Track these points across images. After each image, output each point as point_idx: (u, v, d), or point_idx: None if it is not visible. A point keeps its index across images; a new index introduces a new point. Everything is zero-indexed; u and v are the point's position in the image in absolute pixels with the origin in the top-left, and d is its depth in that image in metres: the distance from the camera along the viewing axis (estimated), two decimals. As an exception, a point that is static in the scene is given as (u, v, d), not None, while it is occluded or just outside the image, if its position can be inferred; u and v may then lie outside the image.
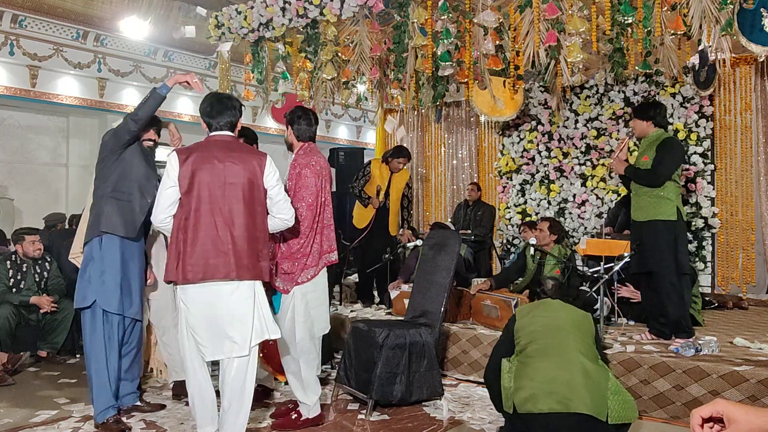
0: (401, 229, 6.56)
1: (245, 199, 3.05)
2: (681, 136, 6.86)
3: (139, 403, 3.85)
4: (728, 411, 1.07)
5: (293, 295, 3.51)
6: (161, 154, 4.37)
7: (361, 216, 6.22)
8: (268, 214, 3.19)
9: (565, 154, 7.84)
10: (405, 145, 9.40)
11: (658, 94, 7.12)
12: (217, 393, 3.12)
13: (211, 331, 3.02)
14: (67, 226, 7.21)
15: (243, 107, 3.31)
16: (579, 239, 7.08)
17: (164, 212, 3.05)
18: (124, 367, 3.72)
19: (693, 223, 6.82)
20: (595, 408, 2.89)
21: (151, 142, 3.99)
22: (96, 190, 3.71)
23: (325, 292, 3.69)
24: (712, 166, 6.89)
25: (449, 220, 8.10)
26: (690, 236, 6.75)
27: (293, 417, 3.59)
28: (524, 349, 3.16)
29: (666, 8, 4.21)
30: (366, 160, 6.30)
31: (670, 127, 6.77)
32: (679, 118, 6.98)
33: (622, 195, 7.00)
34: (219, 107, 3.16)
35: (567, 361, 3.01)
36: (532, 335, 3.16)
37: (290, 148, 3.76)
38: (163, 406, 3.91)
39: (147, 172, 3.73)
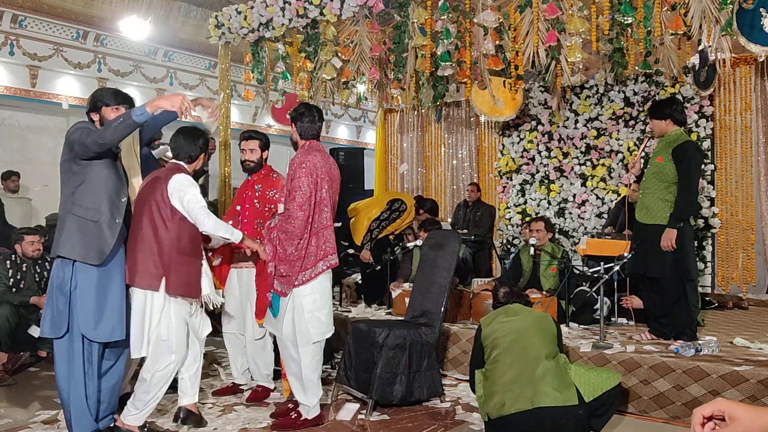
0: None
1: (150, 214, 3.39)
2: (681, 136, 6.86)
3: (112, 425, 3.43)
4: (730, 409, 1.08)
5: (291, 297, 3.50)
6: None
7: (358, 233, 6.29)
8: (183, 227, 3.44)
9: (565, 154, 7.84)
10: (405, 145, 9.48)
11: (658, 94, 7.12)
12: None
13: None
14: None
15: (212, 141, 3.75)
16: (579, 239, 7.09)
17: None
18: (105, 389, 3.35)
19: (693, 224, 6.82)
20: (561, 398, 3.04)
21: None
22: (61, 199, 3.25)
23: (326, 295, 3.62)
24: (712, 166, 6.89)
25: (449, 220, 8.10)
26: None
27: (293, 417, 3.59)
28: (490, 356, 3.32)
29: (666, 8, 4.21)
30: (401, 202, 6.39)
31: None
32: (679, 118, 6.97)
33: (621, 195, 7.00)
34: (182, 142, 3.63)
35: (526, 361, 3.16)
36: (496, 341, 3.31)
37: (295, 146, 3.72)
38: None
39: (118, 186, 3.26)
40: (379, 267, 5.81)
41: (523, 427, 3.04)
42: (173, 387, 3.60)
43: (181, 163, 3.59)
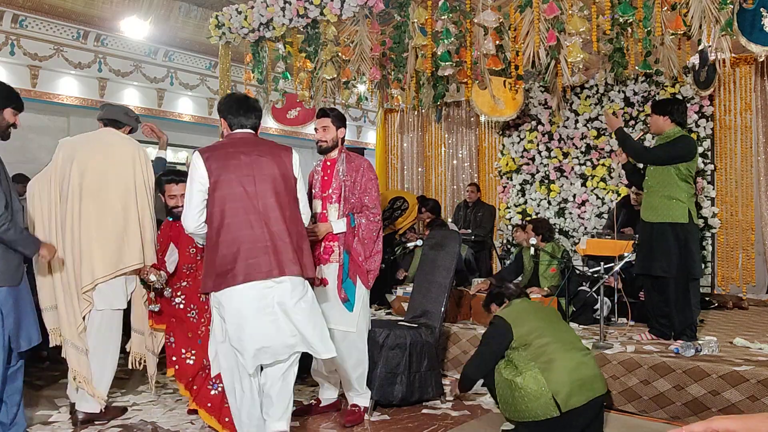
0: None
1: (278, 193, 2.93)
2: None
3: None
4: (725, 425, 1.06)
5: (364, 292, 3.66)
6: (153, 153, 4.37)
7: None
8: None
9: (565, 154, 7.84)
10: (405, 145, 9.48)
11: (658, 94, 7.12)
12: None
13: (254, 335, 2.83)
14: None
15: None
16: (579, 239, 7.09)
17: (197, 217, 2.90)
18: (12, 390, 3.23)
19: (696, 222, 6.82)
20: (605, 387, 3.33)
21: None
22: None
23: None
24: (712, 166, 6.89)
25: (449, 220, 8.11)
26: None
27: (356, 410, 3.68)
28: (536, 352, 3.27)
29: (666, 8, 4.21)
30: (402, 200, 6.48)
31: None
32: (679, 118, 6.97)
33: (621, 195, 7.00)
34: (246, 106, 3.07)
35: (574, 350, 3.32)
36: (530, 337, 3.30)
37: (332, 147, 3.73)
38: None
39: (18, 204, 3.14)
40: (383, 266, 5.82)
41: (590, 416, 3.21)
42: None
43: (254, 133, 3.13)
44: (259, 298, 2.84)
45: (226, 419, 3.23)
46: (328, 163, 3.74)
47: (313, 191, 3.74)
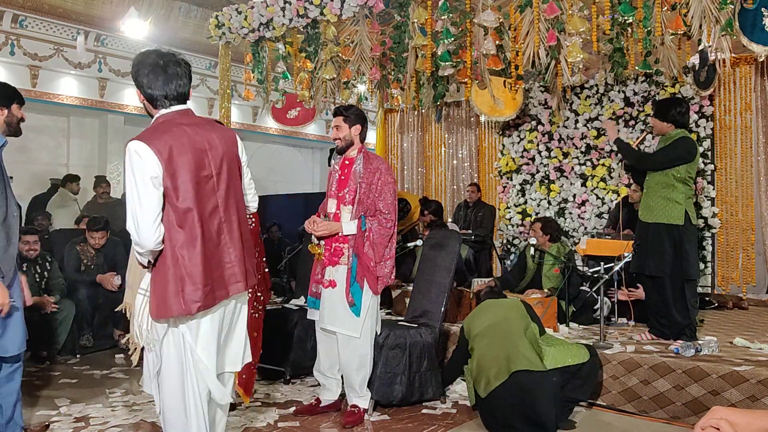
0: None
1: (235, 189, 2.45)
2: (681, 136, 6.85)
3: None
4: (727, 416, 1.09)
5: (373, 297, 3.62)
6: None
7: None
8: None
9: (566, 154, 7.84)
10: (405, 145, 9.49)
11: (658, 94, 7.12)
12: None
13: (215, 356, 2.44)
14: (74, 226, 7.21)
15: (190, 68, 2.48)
16: (579, 239, 7.09)
17: (156, 228, 2.24)
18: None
19: (694, 222, 6.82)
20: (529, 363, 3.36)
21: None
22: None
23: None
24: (712, 166, 6.89)
25: (449, 220, 8.11)
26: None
27: (356, 412, 3.67)
28: (474, 350, 3.66)
29: (666, 8, 4.21)
30: (405, 202, 6.51)
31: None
32: (679, 118, 6.97)
33: (622, 195, 7.01)
34: (169, 74, 2.35)
35: (505, 338, 3.53)
36: (477, 337, 3.67)
37: (346, 146, 3.67)
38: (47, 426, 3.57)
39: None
40: None
41: (506, 395, 3.32)
42: None
43: (186, 106, 2.47)
44: (222, 317, 2.45)
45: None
46: (347, 162, 3.70)
47: (330, 190, 3.71)
